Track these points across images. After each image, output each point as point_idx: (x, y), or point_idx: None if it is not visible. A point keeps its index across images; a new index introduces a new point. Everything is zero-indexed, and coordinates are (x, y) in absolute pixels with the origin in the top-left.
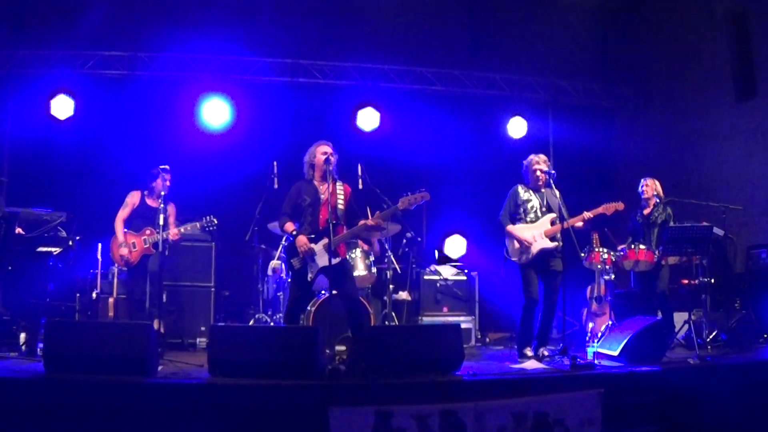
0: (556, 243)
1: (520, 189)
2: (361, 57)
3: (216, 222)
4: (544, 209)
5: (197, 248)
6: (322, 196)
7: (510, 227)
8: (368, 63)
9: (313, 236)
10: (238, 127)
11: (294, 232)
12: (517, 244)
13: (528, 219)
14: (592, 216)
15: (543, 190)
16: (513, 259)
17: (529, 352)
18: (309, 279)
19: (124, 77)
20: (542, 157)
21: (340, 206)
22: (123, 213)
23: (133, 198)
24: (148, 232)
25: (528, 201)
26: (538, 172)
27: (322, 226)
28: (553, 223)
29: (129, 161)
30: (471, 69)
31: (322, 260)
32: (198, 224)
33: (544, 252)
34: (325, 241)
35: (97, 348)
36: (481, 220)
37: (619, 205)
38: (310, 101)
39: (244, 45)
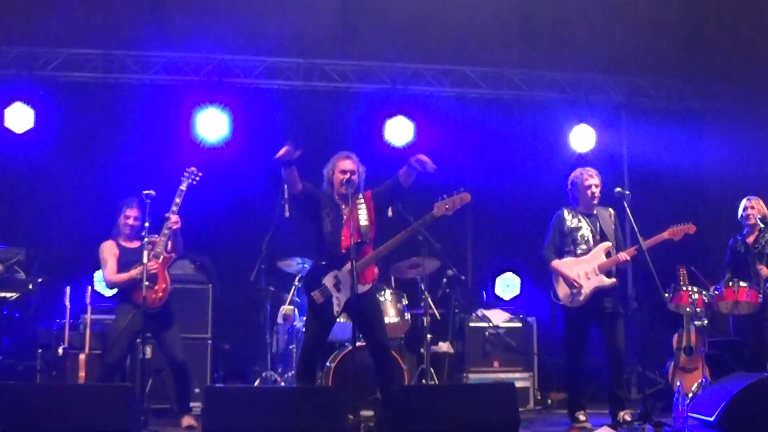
0: (613, 280)
1: (566, 214)
2: (390, 55)
3: (197, 172)
4: (597, 237)
5: (190, 291)
6: (344, 214)
7: (555, 263)
8: (398, 62)
9: (325, 263)
10: (239, 143)
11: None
12: (565, 285)
13: (578, 251)
14: (649, 245)
15: (596, 212)
16: (563, 302)
17: (582, 416)
18: (336, 313)
19: (97, 81)
20: (593, 170)
21: (363, 222)
22: (111, 267)
23: (109, 250)
24: (149, 247)
25: (577, 229)
26: (593, 188)
27: (344, 249)
28: (608, 254)
29: (103, 184)
30: (525, 67)
31: (347, 291)
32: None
33: (599, 292)
34: (349, 266)
35: (64, 417)
36: (539, 253)
37: (690, 228)
38: (328, 110)
39: (246, 42)
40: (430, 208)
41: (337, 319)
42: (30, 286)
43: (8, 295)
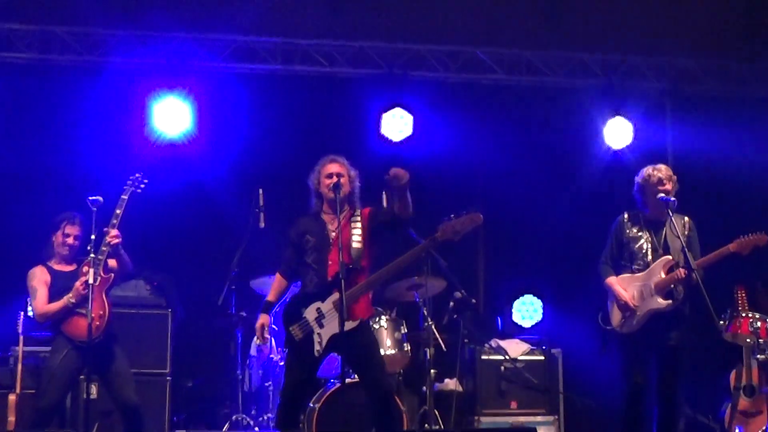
0: (671, 301)
1: (627, 220)
2: (385, 33)
3: (142, 177)
4: (659, 251)
5: (145, 317)
6: (332, 235)
7: (611, 281)
8: (395, 42)
9: (317, 291)
10: (204, 138)
11: (265, 300)
12: (617, 306)
13: (635, 266)
14: (708, 262)
15: (665, 220)
16: (613, 326)
17: None
18: (317, 354)
19: (32, 62)
20: (664, 169)
21: (356, 244)
22: (41, 297)
23: (39, 277)
24: (84, 269)
25: (635, 240)
26: (666, 187)
27: (331, 276)
28: (669, 269)
29: (37, 188)
30: (548, 48)
31: (332, 326)
32: (124, 195)
33: (658, 317)
34: (336, 296)
35: None
36: (566, 271)
37: (761, 239)
38: (312, 99)
39: (213, 17)
40: (434, 228)
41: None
42: None
43: None
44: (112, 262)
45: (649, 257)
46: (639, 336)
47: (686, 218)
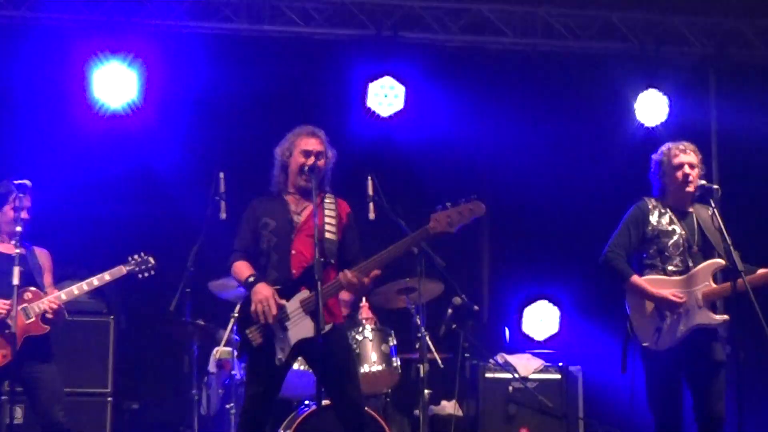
0: (725, 317)
1: (651, 206)
2: None
3: (153, 263)
4: (696, 249)
5: (82, 326)
6: (297, 219)
7: (636, 279)
8: None
9: (279, 288)
10: (153, 110)
11: (251, 278)
12: (649, 314)
13: (669, 266)
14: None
15: (692, 209)
16: (645, 343)
17: None
18: (278, 363)
19: None
20: (689, 146)
21: (330, 236)
22: None
23: None
24: (28, 295)
25: (667, 233)
26: (686, 169)
27: (296, 270)
28: (716, 277)
29: None
30: (567, 5)
31: (300, 329)
32: (124, 268)
33: (701, 333)
34: (305, 294)
35: None
36: (588, 273)
37: None
38: (284, 66)
39: None
40: (427, 218)
41: (293, 367)
42: None
43: None
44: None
45: (688, 258)
46: (673, 353)
47: (711, 207)
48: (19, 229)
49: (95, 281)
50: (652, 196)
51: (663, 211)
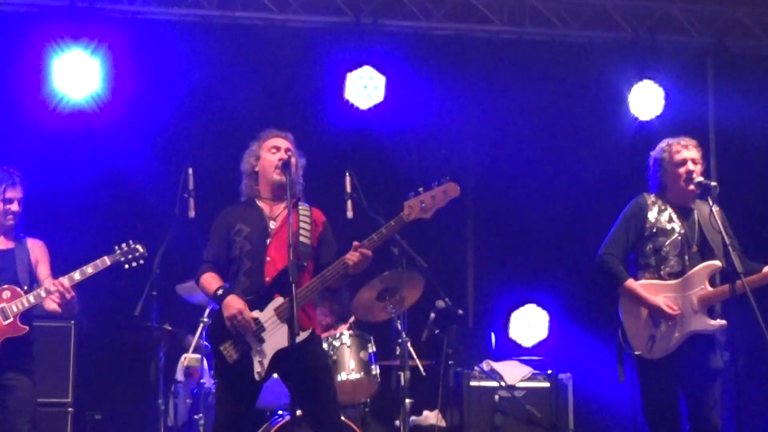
0: (721, 322)
1: (650, 202)
2: None
3: (143, 251)
4: (695, 249)
5: (41, 332)
6: (273, 225)
7: (630, 283)
8: None
9: (250, 298)
10: (118, 104)
11: (219, 291)
12: (644, 320)
13: (665, 268)
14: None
15: (693, 206)
16: (638, 351)
17: None
18: (258, 378)
19: None
20: (690, 141)
21: (304, 239)
22: None
23: None
24: (6, 294)
25: (665, 232)
26: (690, 166)
27: (270, 277)
28: (714, 279)
29: None
30: None
31: (277, 339)
32: (108, 259)
33: (693, 339)
34: (279, 301)
35: None
36: (578, 275)
37: None
38: (257, 56)
39: None
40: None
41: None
42: None
43: None
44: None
45: (686, 258)
46: (668, 361)
47: (712, 204)
48: (11, 223)
49: (76, 275)
50: (652, 191)
51: (663, 207)
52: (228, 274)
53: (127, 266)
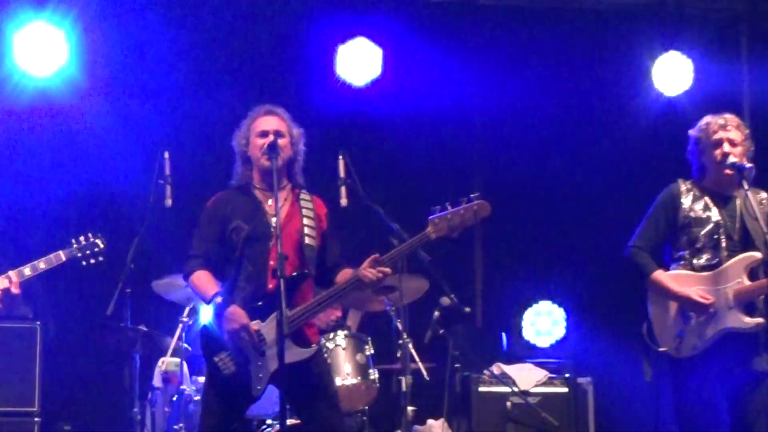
0: (759, 320)
1: (684, 189)
2: None
3: (103, 247)
4: (736, 239)
5: (4, 333)
6: (272, 220)
7: (658, 275)
8: None
9: (260, 304)
10: (85, 80)
11: (218, 299)
12: (673, 315)
13: (698, 260)
14: None
15: (735, 193)
16: (663, 347)
17: None
18: (255, 393)
19: None
20: (731, 119)
21: (309, 241)
22: None
23: None
24: None
25: (702, 221)
26: (726, 147)
27: (273, 284)
28: (754, 272)
29: None
30: None
31: (277, 357)
32: (63, 253)
33: (733, 338)
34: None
35: None
36: (599, 267)
37: None
38: (242, 26)
39: None
40: (424, 221)
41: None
42: None
43: None
44: None
45: (724, 249)
46: (702, 361)
47: (764, 193)
48: None
49: (27, 270)
50: (688, 177)
51: (698, 195)
52: (220, 274)
53: (84, 263)
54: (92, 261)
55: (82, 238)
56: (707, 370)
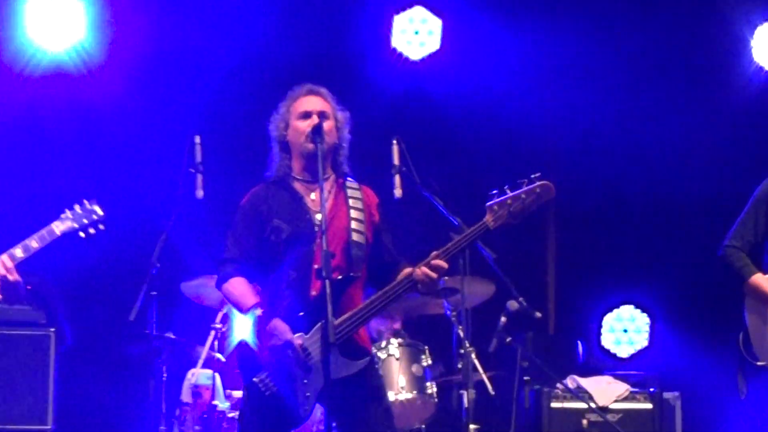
0: None
1: None
2: None
3: (101, 214)
4: None
5: (14, 342)
6: (316, 217)
7: (756, 279)
8: None
9: (302, 314)
10: (106, 57)
11: (258, 310)
12: None
13: None
14: None
15: None
16: (762, 361)
17: None
18: (303, 414)
19: None
20: None
21: (358, 237)
22: None
23: None
24: None
25: None
26: None
27: (317, 290)
28: None
29: None
30: None
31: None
32: (57, 226)
33: None
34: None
35: None
36: (689, 269)
37: None
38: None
39: None
40: (482, 208)
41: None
42: None
43: None
44: None
45: None
46: None
47: None
48: None
49: (18, 251)
50: None
51: None
52: (258, 280)
53: (83, 234)
54: (92, 231)
55: (77, 206)
56: None
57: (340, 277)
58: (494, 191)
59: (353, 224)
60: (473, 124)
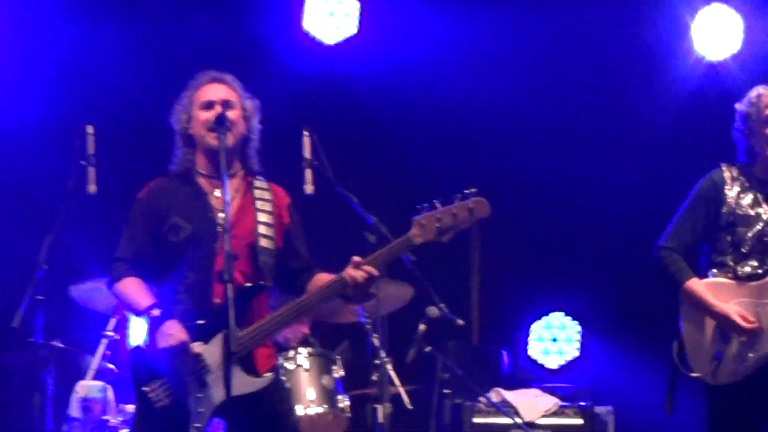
0: None
1: (728, 177)
2: None
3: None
4: None
5: None
6: (219, 216)
7: (692, 284)
8: None
9: (202, 322)
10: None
11: (154, 311)
12: (709, 333)
13: (742, 268)
14: None
15: None
16: (696, 373)
17: None
18: (196, 430)
19: None
20: None
21: (265, 243)
22: None
23: None
24: None
25: (748, 219)
26: None
27: (220, 297)
28: None
29: None
30: None
31: (223, 387)
32: None
33: None
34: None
35: None
36: (622, 273)
37: None
38: None
39: None
40: (408, 216)
41: None
42: None
43: None
44: None
45: None
46: (742, 389)
47: None
48: None
49: None
50: (733, 162)
51: (746, 185)
52: (154, 282)
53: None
54: None
55: None
56: (748, 401)
57: (249, 284)
58: (424, 204)
59: (261, 228)
60: (393, 114)
